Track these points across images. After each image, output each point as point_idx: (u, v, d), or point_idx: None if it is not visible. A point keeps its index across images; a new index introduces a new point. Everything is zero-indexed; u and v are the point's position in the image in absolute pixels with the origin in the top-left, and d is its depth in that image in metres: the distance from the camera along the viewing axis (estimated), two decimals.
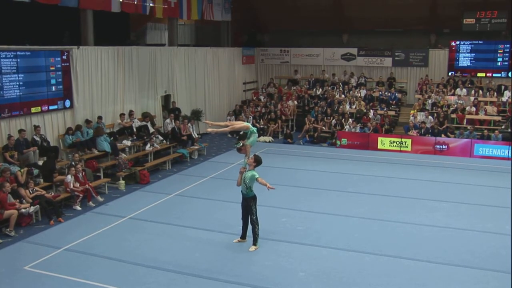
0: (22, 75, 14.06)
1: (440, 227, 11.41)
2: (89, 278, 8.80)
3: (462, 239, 10.75)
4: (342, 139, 20.67)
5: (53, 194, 12.76)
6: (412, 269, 9.28)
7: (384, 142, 20.08)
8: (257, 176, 9.93)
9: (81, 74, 16.03)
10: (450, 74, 24.82)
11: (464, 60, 24.54)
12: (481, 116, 21.17)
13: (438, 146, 19.32)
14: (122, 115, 17.55)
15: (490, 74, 24.07)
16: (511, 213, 11.43)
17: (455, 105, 21.91)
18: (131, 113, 17.92)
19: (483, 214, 12.32)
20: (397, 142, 19.88)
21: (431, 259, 9.61)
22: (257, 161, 10.17)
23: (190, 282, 8.74)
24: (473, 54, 24.35)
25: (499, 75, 23.88)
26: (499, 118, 20.94)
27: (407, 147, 19.70)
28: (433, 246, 10.28)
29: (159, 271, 9.13)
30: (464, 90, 23.16)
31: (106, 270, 9.17)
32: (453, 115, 21.44)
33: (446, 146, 19.20)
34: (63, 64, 15.40)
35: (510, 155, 18.17)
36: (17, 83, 13.94)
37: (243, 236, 10.49)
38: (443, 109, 21.81)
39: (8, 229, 11.09)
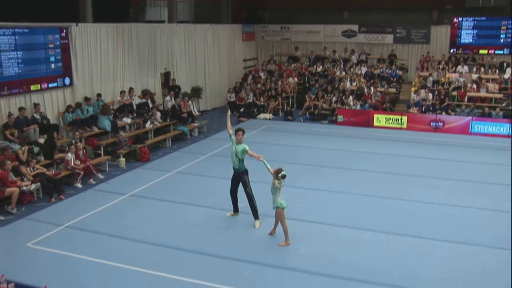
0: (21, 53, 13.97)
1: (440, 204, 11.45)
2: (90, 254, 8.86)
3: (461, 216, 10.80)
4: (338, 116, 20.65)
5: (53, 171, 12.80)
6: (411, 246, 9.34)
7: (380, 119, 20.06)
8: (247, 149, 9.95)
9: (80, 51, 15.93)
10: (452, 51, 24.65)
11: (466, 37, 24.34)
12: (483, 93, 21.08)
13: (433, 124, 19.30)
14: (122, 92, 17.49)
15: (493, 51, 23.88)
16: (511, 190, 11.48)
17: (456, 83, 21.81)
18: (131, 91, 17.86)
19: (482, 191, 12.35)
20: (393, 119, 19.86)
21: (430, 236, 9.67)
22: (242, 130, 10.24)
23: (191, 259, 8.81)
24: (475, 31, 24.13)
25: (501, 52, 23.68)
26: (501, 95, 20.84)
27: (402, 124, 19.68)
28: (432, 224, 10.34)
29: (159, 248, 9.20)
30: (466, 67, 23.02)
31: (107, 247, 9.24)
32: (454, 93, 21.35)
33: (441, 123, 19.17)
34: (62, 42, 15.30)
35: (510, 132, 18.15)
36: (16, 60, 13.86)
37: (236, 210, 10.66)
38: (444, 86, 21.72)
39: (10, 207, 11.16)
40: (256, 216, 10.24)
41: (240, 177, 10.23)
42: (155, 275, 8.19)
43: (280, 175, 9.23)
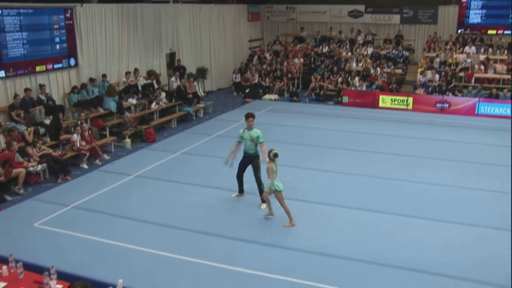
0: (26, 33, 13.94)
1: (446, 186, 11.43)
2: (97, 234, 8.93)
3: (468, 198, 10.78)
4: (343, 97, 20.56)
5: (60, 152, 12.85)
6: (417, 227, 9.36)
7: (385, 100, 19.95)
8: (262, 140, 10.01)
9: (85, 32, 15.88)
10: (459, 31, 24.38)
11: (475, 17, 24.05)
12: (490, 74, 20.89)
13: (439, 105, 19.18)
14: (127, 73, 17.46)
15: (502, 31, 23.58)
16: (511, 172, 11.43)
17: (464, 64, 21.62)
18: (136, 71, 17.82)
19: (489, 173, 12.31)
20: (399, 101, 19.76)
21: (436, 218, 9.67)
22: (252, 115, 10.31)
23: (197, 239, 8.87)
24: (484, 11, 23.82)
25: (510, 32, 23.33)
26: (509, 76, 20.62)
27: (408, 105, 19.58)
28: (438, 205, 10.34)
29: (165, 228, 9.25)
30: (473, 48, 22.78)
31: (113, 227, 9.31)
32: (461, 74, 21.18)
33: (447, 105, 19.06)
34: (66, 22, 15.24)
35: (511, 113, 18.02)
36: (21, 41, 13.83)
37: (241, 191, 10.69)
38: (451, 67, 21.53)
39: (17, 187, 11.24)
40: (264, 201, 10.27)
41: (252, 161, 10.22)
42: (161, 255, 8.25)
43: (272, 154, 9.24)
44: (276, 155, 9.27)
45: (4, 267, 6.44)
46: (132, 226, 9.37)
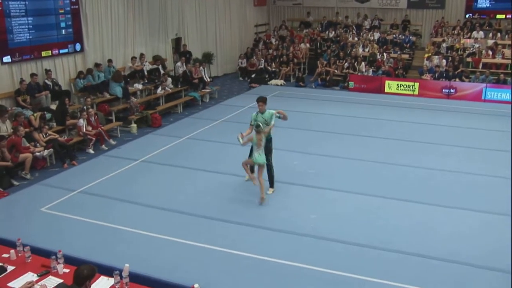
0: (31, 18, 13.92)
1: (452, 171, 11.39)
2: (103, 219, 8.98)
3: (473, 184, 10.75)
4: (349, 82, 20.46)
5: (66, 138, 12.90)
6: (422, 212, 9.35)
7: (391, 85, 19.85)
8: (275, 111, 10.05)
9: (91, 17, 15.85)
10: (467, 16, 24.14)
11: (483, 1, 23.79)
12: (498, 59, 20.71)
13: (445, 90, 19.07)
14: (133, 58, 17.43)
15: (510, 16, 23.30)
16: (511, 157, 11.37)
17: (471, 49, 21.43)
18: (142, 57, 17.79)
19: (495, 159, 12.25)
20: (405, 86, 19.65)
21: (441, 203, 9.65)
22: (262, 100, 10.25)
23: (203, 224, 8.90)
24: None
25: None
26: None
27: (414, 90, 19.47)
28: (444, 191, 10.31)
29: (171, 213, 9.29)
30: (481, 33, 22.55)
31: (119, 212, 9.36)
32: (469, 59, 21.00)
33: (454, 90, 18.93)
34: (72, 7, 15.21)
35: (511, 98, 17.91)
36: (27, 26, 13.82)
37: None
38: (458, 52, 21.35)
39: (24, 172, 11.31)
40: (272, 184, 10.27)
41: (267, 144, 10.14)
42: (167, 239, 8.29)
43: (254, 126, 9.53)
44: (257, 126, 9.52)
45: (12, 251, 6.50)
46: (138, 211, 9.41)
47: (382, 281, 7.13)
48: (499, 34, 22.34)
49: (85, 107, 13.54)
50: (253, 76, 22.04)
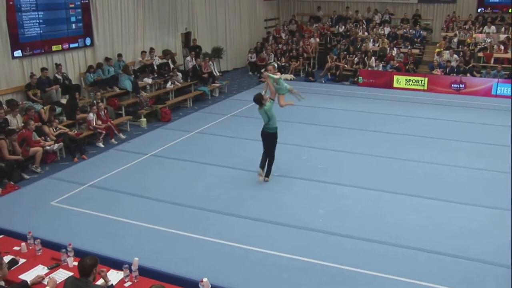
0: (42, 13, 13.96)
1: (461, 167, 11.33)
2: (113, 213, 9.04)
3: (482, 179, 10.69)
4: (359, 77, 20.40)
5: (76, 132, 12.96)
6: (430, 208, 9.32)
7: (400, 80, 19.75)
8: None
9: (101, 11, 15.87)
10: (479, 10, 23.91)
11: None
12: (510, 54, 20.49)
13: (454, 85, 18.94)
14: (143, 52, 17.46)
15: None
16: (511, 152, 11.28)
17: (483, 43, 21.24)
18: (151, 51, 17.82)
19: (504, 155, 12.16)
20: (413, 81, 19.55)
21: (450, 199, 9.62)
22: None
23: (212, 218, 8.93)
24: None
25: None
26: None
27: (423, 85, 19.36)
28: (453, 186, 10.27)
29: (181, 207, 9.33)
30: (493, 27, 22.34)
31: (129, 206, 9.41)
32: (480, 54, 20.83)
33: (463, 85, 18.80)
34: (82, 1, 15.23)
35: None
36: (37, 20, 13.87)
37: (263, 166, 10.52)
38: (470, 47, 21.18)
39: (34, 166, 11.38)
40: (268, 175, 10.39)
41: (273, 136, 10.35)
42: (176, 233, 8.33)
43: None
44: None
45: (23, 244, 6.57)
46: (148, 205, 9.46)
47: (390, 276, 7.12)
48: (511, 29, 22.11)
49: (95, 101, 13.59)
50: (262, 70, 21.97)
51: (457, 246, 7.93)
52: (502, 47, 20.71)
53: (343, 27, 24.98)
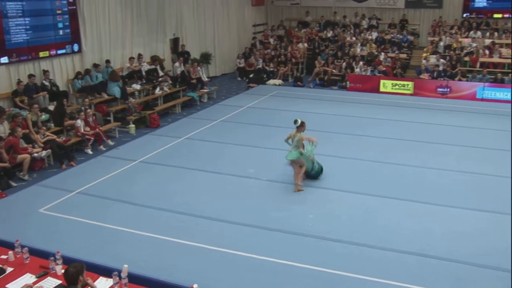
0: (29, 19, 13.89)
1: (450, 170, 11.41)
2: (102, 220, 8.98)
3: (472, 182, 10.77)
4: (346, 82, 20.49)
5: (64, 138, 12.87)
6: (420, 211, 9.36)
7: (386, 85, 19.88)
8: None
9: (88, 17, 15.82)
10: (464, 15, 24.16)
11: (481, 0, 23.80)
12: (495, 59, 20.74)
13: (440, 89, 19.10)
14: (131, 58, 17.41)
15: (508, 15, 23.31)
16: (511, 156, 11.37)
17: (469, 48, 21.45)
18: (140, 57, 17.78)
19: (493, 158, 12.28)
20: (400, 85, 19.69)
21: (439, 202, 9.67)
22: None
23: (201, 224, 8.90)
24: None
25: None
26: None
27: (409, 90, 19.51)
28: (442, 189, 10.32)
29: (170, 214, 9.29)
30: (479, 32, 22.59)
31: (118, 213, 9.35)
32: (466, 58, 21.03)
33: (449, 89, 18.96)
34: (69, 8, 15.18)
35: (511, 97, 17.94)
36: (24, 27, 13.79)
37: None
38: (456, 52, 21.37)
39: (21, 173, 11.28)
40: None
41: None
42: (166, 240, 8.29)
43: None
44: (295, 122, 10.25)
45: (10, 252, 6.48)
46: (137, 212, 9.41)
47: (381, 280, 7.14)
48: (496, 34, 22.38)
49: (83, 108, 13.52)
50: (251, 76, 22.03)
51: (447, 249, 7.96)
52: (487, 51, 20.93)
53: (331, 32, 25.10)
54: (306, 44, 24.51)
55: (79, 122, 12.97)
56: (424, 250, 7.93)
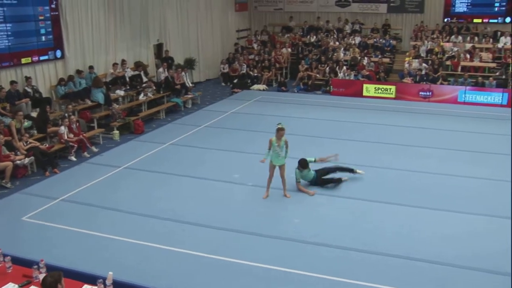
0: (10, 25, 13.77)
1: (433, 173, 11.53)
2: (86, 227, 8.91)
3: (454, 185, 10.88)
4: (330, 86, 20.64)
5: (47, 145, 12.76)
6: (404, 214, 9.45)
7: (369, 89, 20.05)
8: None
9: (71, 23, 15.72)
10: (446, 20, 24.47)
11: (461, 5, 24.13)
12: (476, 63, 21.04)
13: (422, 93, 19.31)
14: (114, 64, 17.34)
15: (487, 20, 23.72)
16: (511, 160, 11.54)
17: (450, 52, 21.73)
18: (123, 63, 17.71)
19: (474, 160, 12.44)
20: (382, 89, 19.88)
21: (423, 205, 9.77)
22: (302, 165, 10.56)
23: (187, 230, 8.88)
24: (470, 0, 23.92)
25: (495, 20, 23.54)
26: (494, 64, 20.82)
27: (392, 94, 19.69)
28: (425, 192, 10.43)
29: (155, 220, 9.26)
30: (460, 37, 22.91)
31: (103, 220, 9.29)
32: (448, 62, 21.30)
33: (431, 93, 19.18)
34: (52, 13, 15.07)
35: (502, 101, 18.20)
36: (5, 33, 13.67)
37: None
38: (438, 56, 21.64)
39: (4, 181, 11.15)
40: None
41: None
42: (150, 246, 8.26)
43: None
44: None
45: None
46: (121, 218, 9.36)
47: (366, 283, 7.19)
48: (476, 38, 22.71)
49: (66, 114, 13.43)
50: (235, 81, 22.05)
51: (431, 252, 8.04)
52: (468, 55, 21.21)
53: (315, 37, 25.25)
54: (289, 49, 24.63)
55: (63, 129, 12.88)
56: (409, 253, 8.00)
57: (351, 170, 11.02)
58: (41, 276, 6.03)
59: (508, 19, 23.22)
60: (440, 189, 10.62)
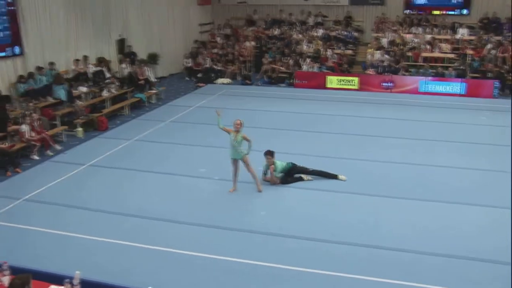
0: None
1: (397, 163, 11.78)
2: (52, 227, 8.79)
3: (417, 174, 11.15)
4: (293, 79, 20.80)
5: (7, 144, 12.48)
6: (369, 204, 9.64)
7: (332, 81, 20.29)
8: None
9: (29, 18, 15.35)
10: (406, 12, 24.90)
11: None
12: (436, 53, 21.51)
13: (384, 84, 19.66)
14: (76, 60, 17.05)
15: (445, 12, 24.29)
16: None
17: (411, 43, 22.15)
18: (85, 59, 17.43)
19: (437, 149, 12.76)
20: (345, 81, 20.14)
21: (388, 194, 9.98)
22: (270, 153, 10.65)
23: (154, 226, 8.86)
24: None
25: (453, 12, 24.16)
26: (453, 55, 21.34)
27: (354, 85, 19.97)
28: (390, 182, 10.65)
29: (122, 217, 9.20)
30: (420, 28, 23.37)
31: (68, 219, 9.18)
32: (409, 53, 21.70)
33: (392, 84, 19.54)
34: (8, 8, 14.69)
35: (460, 91, 18.70)
36: None
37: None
38: (399, 47, 22.02)
39: None
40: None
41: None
42: (119, 243, 8.22)
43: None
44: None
45: None
46: (88, 216, 9.26)
47: (334, 273, 7.32)
48: (435, 29, 23.20)
49: (27, 112, 13.15)
50: (199, 75, 21.98)
51: (395, 240, 8.24)
52: (428, 46, 21.66)
53: (278, 30, 25.33)
54: (253, 43, 24.64)
55: (24, 127, 12.61)
56: (374, 242, 8.18)
57: (334, 176, 10.92)
58: (5, 279, 5.95)
59: (465, 11, 23.84)
60: (403, 179, 10.86)
